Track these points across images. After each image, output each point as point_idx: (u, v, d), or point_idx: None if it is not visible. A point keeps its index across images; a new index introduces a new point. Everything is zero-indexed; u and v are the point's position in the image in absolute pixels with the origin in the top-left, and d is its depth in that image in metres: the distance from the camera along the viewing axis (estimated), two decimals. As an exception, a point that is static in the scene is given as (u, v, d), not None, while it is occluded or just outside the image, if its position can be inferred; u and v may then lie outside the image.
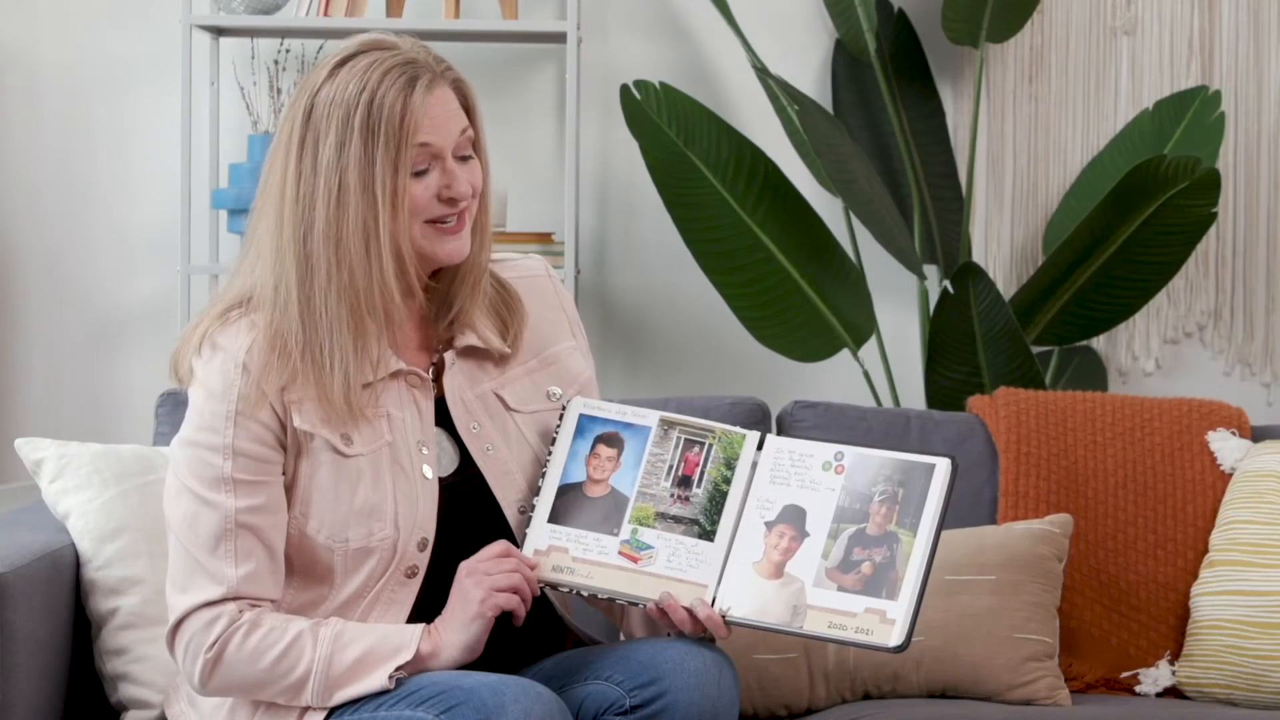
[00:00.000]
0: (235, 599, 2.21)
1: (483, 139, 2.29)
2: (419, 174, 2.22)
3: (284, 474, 2.24)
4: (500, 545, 2.23)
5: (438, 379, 2.32)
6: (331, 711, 2.20)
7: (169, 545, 2.26)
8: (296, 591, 2.26)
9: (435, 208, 2.24)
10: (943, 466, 2.20)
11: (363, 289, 2.21)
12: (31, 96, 4.10)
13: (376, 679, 2.18)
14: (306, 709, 2.21)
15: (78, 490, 2.66)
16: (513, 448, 2.32)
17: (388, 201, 2.19)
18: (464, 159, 2.25)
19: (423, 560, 2.25)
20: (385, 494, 2.24)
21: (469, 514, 2.29)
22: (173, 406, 2.91)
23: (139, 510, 2.64)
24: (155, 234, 4.10)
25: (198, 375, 2.25)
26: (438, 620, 2.22)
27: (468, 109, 2.27)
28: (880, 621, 2.14)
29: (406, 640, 2.19)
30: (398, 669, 2.17)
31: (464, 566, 2.22)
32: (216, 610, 2.20)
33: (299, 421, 2.22)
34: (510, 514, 2.29)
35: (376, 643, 2.19)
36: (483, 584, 2.19)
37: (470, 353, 2.34)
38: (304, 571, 2.25)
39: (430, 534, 2.26)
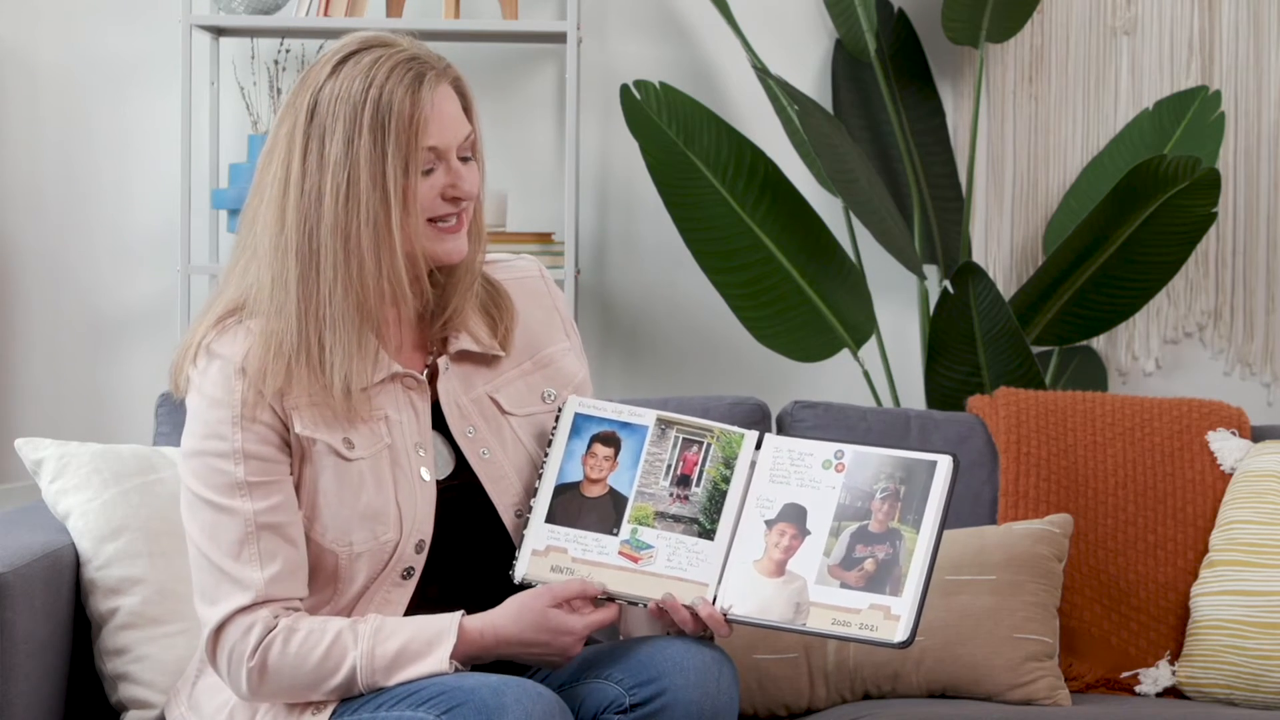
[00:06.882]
0: (266, 603, 2.19)
1: (480, 141, 2.29)
2: (426, 172, 2.22)
3: (291, 474, 2.24)
4: (615, 612, 2.22)
5: (432, 381, 2.32)
6: (334, 712, 2.20)
7: (190, 561, 2.23)
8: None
9: (439, 206, 2.23)
10: (945, 464, 2.20)
11: (371, 284, 2.20)
12: (31, 96, 4.10)
13: (433, 662, 2.16)
14: (307, 707, 2.21)
15: (78, 490, 2.66)
16: (508, 451, 2.31)
17: (399, 198, 2.19)
18: (465, 160, 2.25)
19: (419, 562, 2.25)
20: (388, 498, 2.24)
21: (464, 517, 2.29)
22: (173, 406, 2.91)
23: (139, 510, 2.64)
24: (155, 234, 4.10)
25: (194, 384, 2.24)
26: (504, 621, 2.20)
27: (467, 109, 2.26)
28: (885, 618, 2.14)
29: (445, 627, 2.17)
30: (452, 656, 2.16)
31: (580, 629, 2.19)
32: (251, 617, 2.19)
33: (299, 427, 2.22)
34: (507, 518, 2.29)
35: (415, 632, 2.17)
36: (575, 646, 2.19)
37: (464, 356, 2.33)
38: (311, 574, 2.24)
39: (428, 536, 2.25)
